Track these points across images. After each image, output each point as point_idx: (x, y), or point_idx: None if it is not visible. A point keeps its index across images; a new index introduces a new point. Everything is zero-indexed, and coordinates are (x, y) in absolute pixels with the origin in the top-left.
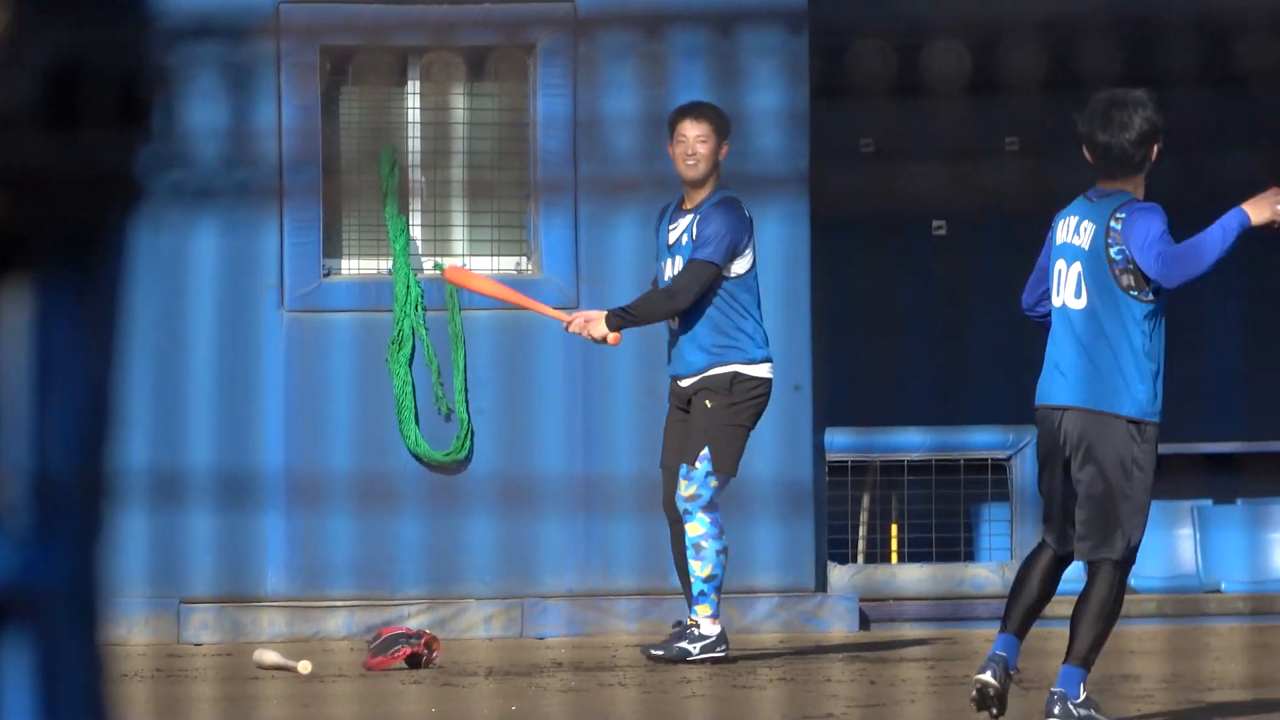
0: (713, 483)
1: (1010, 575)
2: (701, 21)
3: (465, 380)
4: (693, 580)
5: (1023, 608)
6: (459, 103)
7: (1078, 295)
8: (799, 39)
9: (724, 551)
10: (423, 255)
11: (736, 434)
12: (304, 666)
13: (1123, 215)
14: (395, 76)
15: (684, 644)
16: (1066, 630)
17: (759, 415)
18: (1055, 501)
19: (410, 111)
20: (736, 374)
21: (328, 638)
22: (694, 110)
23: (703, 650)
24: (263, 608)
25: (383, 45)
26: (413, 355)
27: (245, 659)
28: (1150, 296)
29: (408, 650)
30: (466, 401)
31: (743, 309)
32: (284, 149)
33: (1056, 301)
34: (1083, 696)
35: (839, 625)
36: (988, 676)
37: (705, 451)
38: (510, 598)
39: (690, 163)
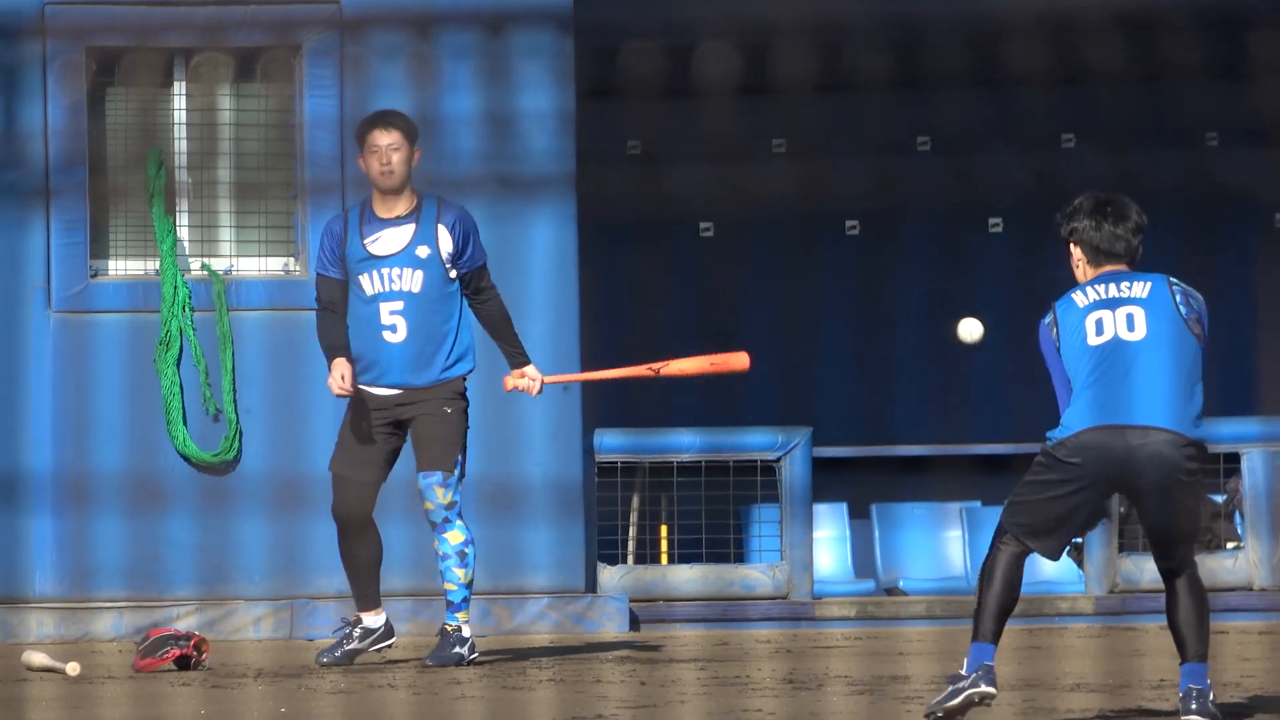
0: (460, 488)
1: (780, 576)
2: (469, 22)
3: (234, 380)
4: (455, 588)
5: (1005, 613)
6: (226, 103)
7: (1131, 329)
8: (566, 40)
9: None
10: (190, 256)
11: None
12: (72, 668)
13: (1176, 283)
14: (162, 77)
15: (457, 649)
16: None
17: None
18: (1077, 517)
19: (177, 112)
20: (464, 379)
21: (96, 639)
22: (383, 120)
23: (471, 650)
24: (31, 609)
25: (149, 46)
26: (180, 356)
27: (13, 660)
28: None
29: (177, 652)
30: (235, 402)
31: (463, 312)
32: (51, 149)
33: (1099, 340)
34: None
35: (609, 626)
36: (989, 688)
37: (460, 457)
38: (280, 599)
39: (386, 171)
